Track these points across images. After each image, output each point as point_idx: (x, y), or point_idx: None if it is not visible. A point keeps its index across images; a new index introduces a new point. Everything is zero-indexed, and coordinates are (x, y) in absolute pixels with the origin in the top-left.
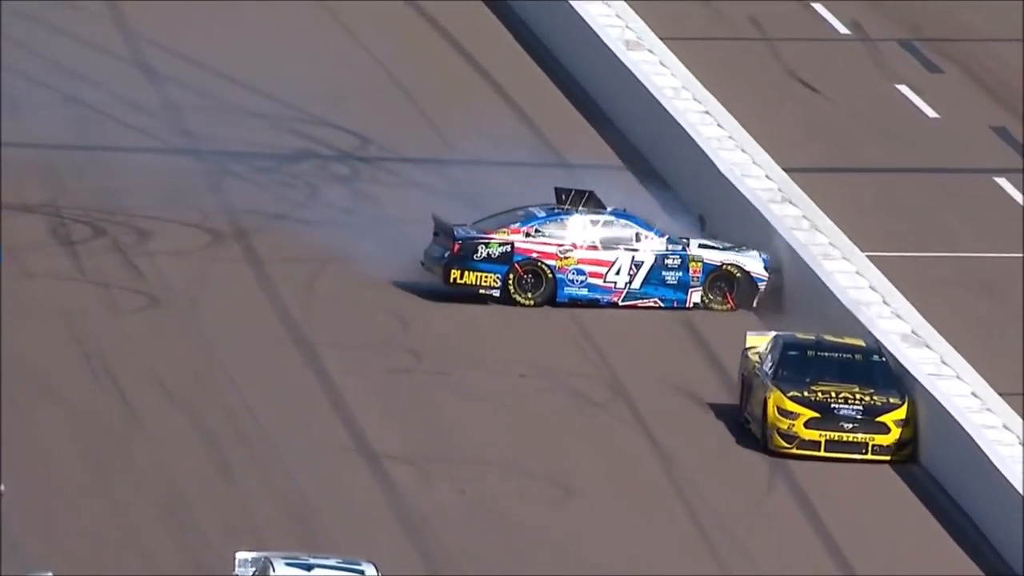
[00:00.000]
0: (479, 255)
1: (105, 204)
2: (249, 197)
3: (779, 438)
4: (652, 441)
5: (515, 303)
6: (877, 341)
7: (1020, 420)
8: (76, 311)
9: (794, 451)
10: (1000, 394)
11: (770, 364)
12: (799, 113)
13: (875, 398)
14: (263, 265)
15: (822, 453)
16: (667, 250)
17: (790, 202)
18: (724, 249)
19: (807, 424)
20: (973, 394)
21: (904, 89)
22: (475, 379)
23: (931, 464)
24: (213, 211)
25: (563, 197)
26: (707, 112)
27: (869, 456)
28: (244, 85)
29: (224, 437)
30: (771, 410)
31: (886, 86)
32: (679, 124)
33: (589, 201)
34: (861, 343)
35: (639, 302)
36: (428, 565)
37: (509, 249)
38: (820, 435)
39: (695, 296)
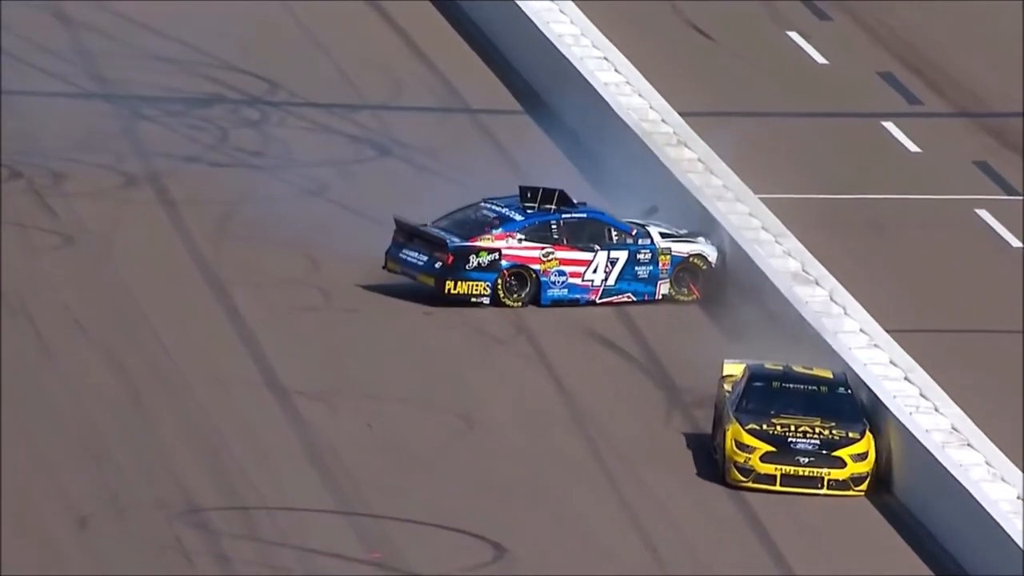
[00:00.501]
0: (471, 265)
1: (20, 147)
2: (161, 140)
3: (736, 471)
4: (553, 376)
5: (504, 306)
6: (845, 373)
7: (893, 357)
8: None
9: (750, 485)
10: (888, 331)
11: (736, 394)
12: (694, 60)
13: (834, 432)
14: (175, 206)
15: (778, 487)
16: (638, 244)
17: (686, 145)
18: (681, 238)
19: (763, 458)
20: (861, 331)
21: (794, 35)
22: (381, 317)
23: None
24: (126, 154)
25: (528, 196)
26: (605, 58)
27: (825, 491)
28: (156, 31)
29: (137, 373)
30: (728, 443)
31: (777, 33)
32: (578, 70)
33: (559, 200)
34: (829, 375)
35: (614, 298)
36: (336, 497)
37: (497, 257)
38: (776, 469)
39: (663, 288)
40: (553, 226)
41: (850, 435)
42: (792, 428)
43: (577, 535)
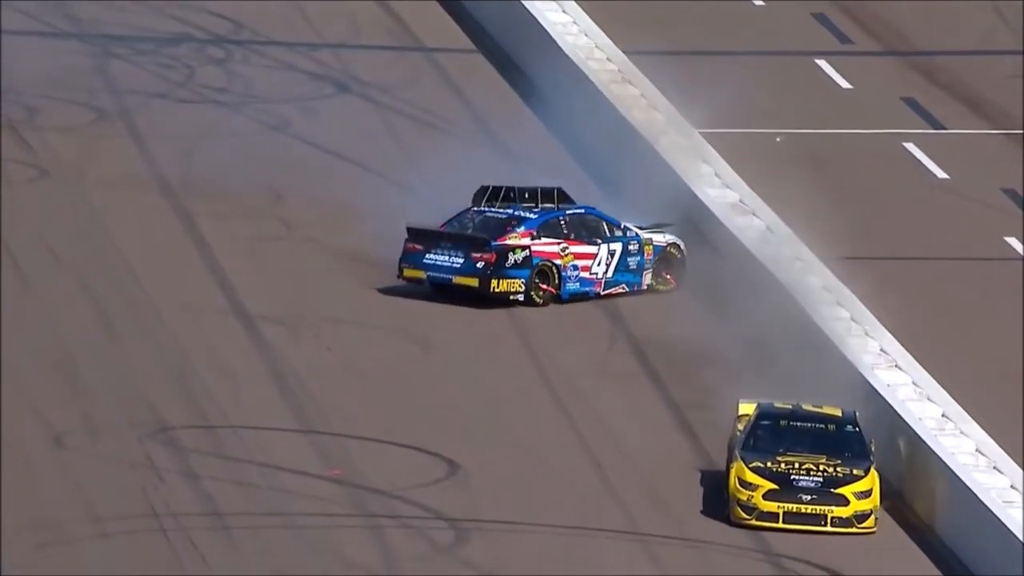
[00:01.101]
0: (509, 262)
1: None
2: (131, 78)
3: (739, 509)
4: (506, 303)
5: (533, 303)
6: (854, 411)
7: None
8: None
9: (753, 522)
10: (831, 262)
11: (744, 433)
12: (637, 3)
13: (839, 469)
14: (144, 141)
15: (780, 525)
16: (627, 236)
17: (630, 83)
18: (655, 229)
19: (766, 496)
20: (798, 259)
21: None
22: (341, 245)
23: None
24: (98, 90)
25: (526, 196)
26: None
27: (828, 528)
28: None
29: (109, 300)
30: (732, 480)
31: None
32: (528, 11)
33: (559, 197)
34: (838, 412)
35: (612, 290)
36: (298, 417)
37: (528, 253)
38: (778, 507)
39: (647, 278)
40: (561, 222)
41: (854, 472)
42: (796, 466)
43: (526, 453)
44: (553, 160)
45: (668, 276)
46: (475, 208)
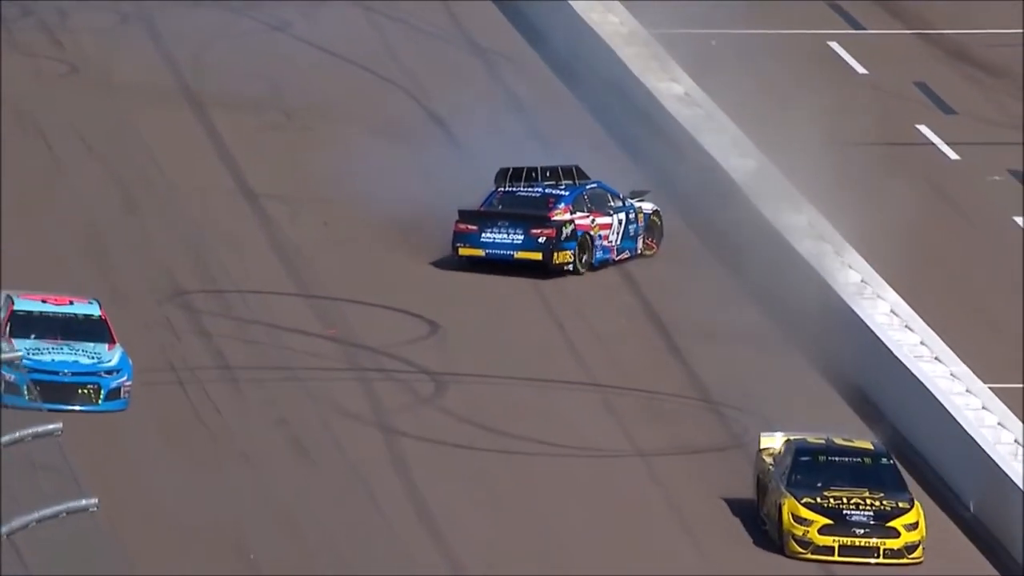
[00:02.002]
0: (564, 236)
1: None
2: None
3: (795, 544)
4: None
5: (577, 273)
6: (885, 445)
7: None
8: (8, 77)
9: (809, 556)
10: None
11: (783, 469)
12: None
13: (885, 503)
14: (162, 41)
15: (836, 558)
16: (626, 206)
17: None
18: (639, 198)
19: (821, 531)
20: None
21: None
22: (333, 132)
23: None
24: None
25: (547, 174)
26: None
27: (881, 560)
28: None
29: (132, 182)
30: (786, 517)
31: None
32: None
33: (578, 174)
34: (870, 446)
35: (622, 255)
36: (297, 283)
37: (574, 227)
38: (834, 540)
39: (639, 243)
40: (585, 197)
41: (900, 505)
42: (845, 500)
43: (499, 316)
44: (520, 56)
45: (651, 242)
46: (503, 189)
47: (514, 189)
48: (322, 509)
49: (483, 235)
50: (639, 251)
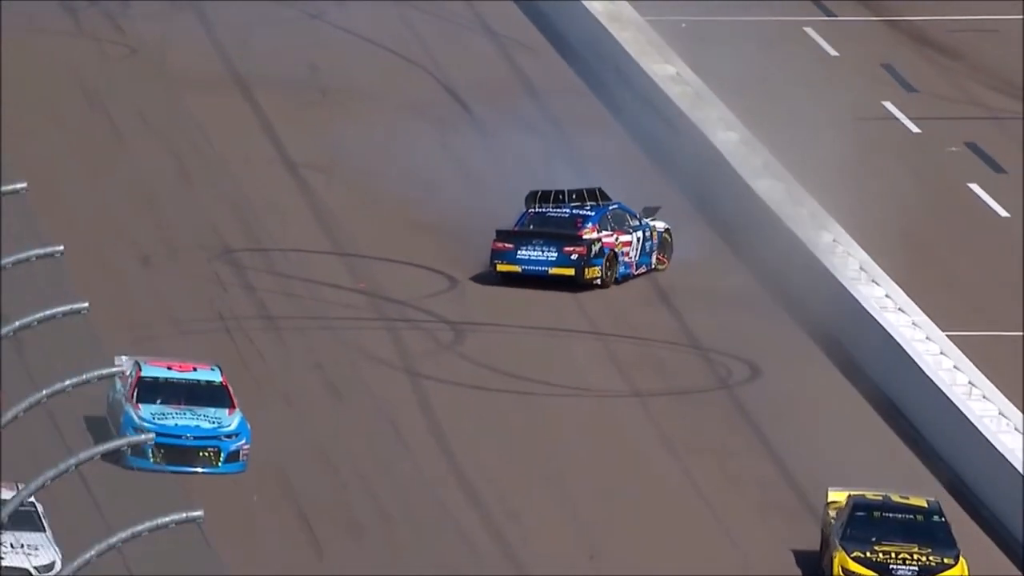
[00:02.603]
0: (593, 253)
1: None
2: None
3: None
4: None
5: (604, 286)
6: (939, 502)
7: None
8: (75, 59)
9: None
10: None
11: (841, 523)
12: None
13: (931, 558)
14: (213, 27)
15: None
16: (642, 224)
17: None
18: (651, 216)
19: None
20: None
21: None
22: (363, 109)
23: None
24: None
25: (573, 196)
26: None
27: None
28: None
29: (185, 152)
30: (836, 569)
31: None
32: None
33: (601, 196)
34: (924, 504)
35: (640, 270)
36: (333, 243)
37: (600, 245)
38: None
39: (654, 259)
40: (608, 217)
41: (945, 560)
42: (893, 555)
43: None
44: (533, 43)
45: (663, 257)
46: (533, 210)
47: (544, 210)
48: (353, 444)
49: (519, 253)
50: (653, 266)
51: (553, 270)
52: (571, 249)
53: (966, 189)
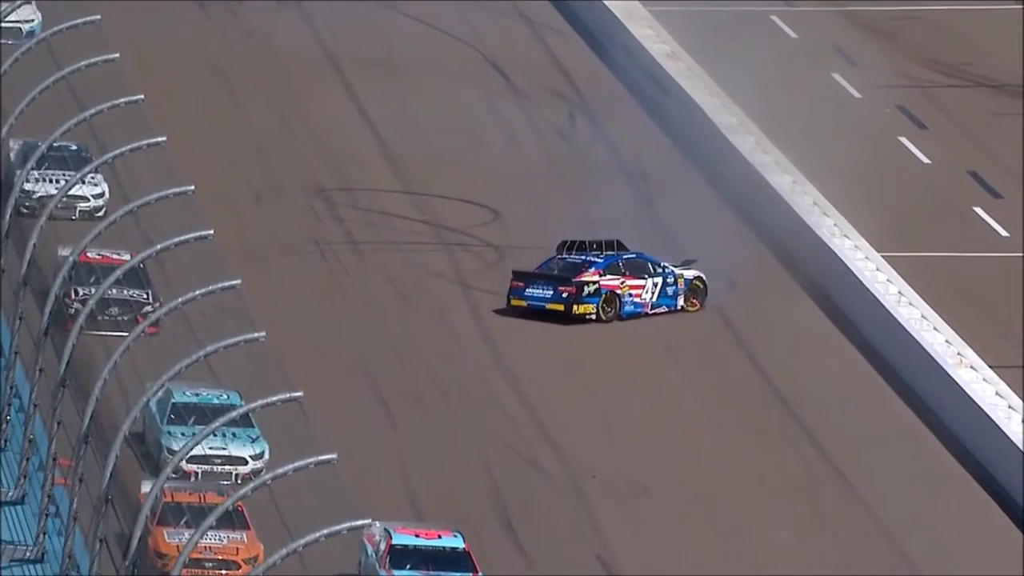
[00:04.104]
0: (585, 292)
1: None
2: None
3: None
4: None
5: (601, 320)
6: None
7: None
8: (203, 40)
9: None
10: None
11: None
12: None
13: None
14: (311, 17)
15: None
16: (666, 271)
17: None
18: (684, 266)
19: None
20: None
21: None
22: (426, 79)
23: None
24: None
25: (594, 246)
26: None
27: None
28: None
29: (286, 111)
30: None
31: None
32: None
33: (618, 246)
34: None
35: (656, 310)
36: (403, 183)
37: (598, 286)
38: None
39: (680, 301)
40: (620, 264)
41: None
42: None
43: (551, 203)
44: (561, 31)
45: (695, 301)
46: (558, 256)
47: (565, 256)
48: (418, 339)
49: (526, 291)
50: (680, 307)
51: (549, 305)
52: (563, 289)
53: (896, 142)
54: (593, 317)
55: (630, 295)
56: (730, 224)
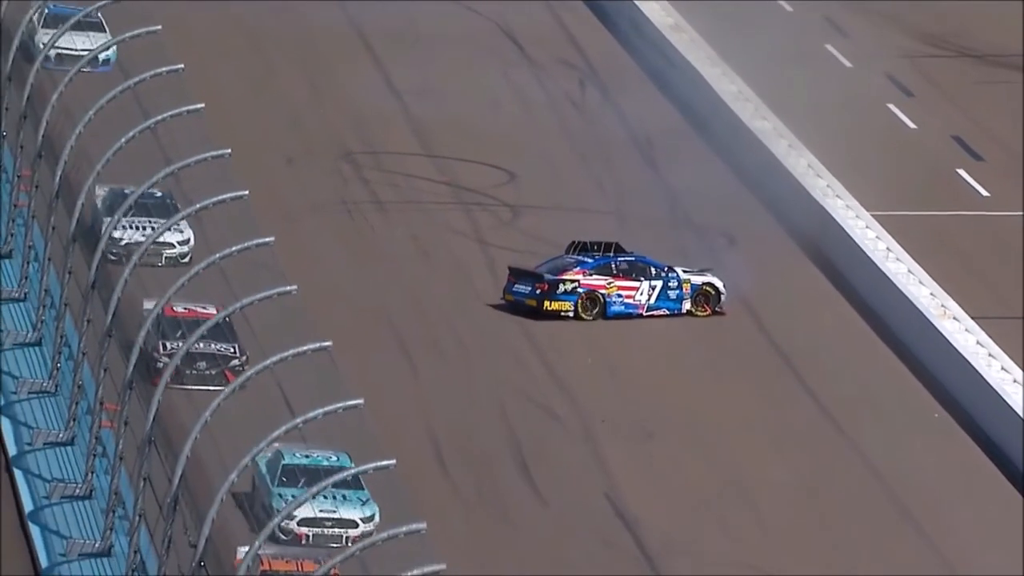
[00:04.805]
0: (560, 290)
1: None
2: None
3: None
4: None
5: (581, 319)
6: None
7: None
8: (239, 15)
9: None
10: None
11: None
12: None
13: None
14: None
15: None
16: (668, 276)
17: None
18: (698, 272)
19: None
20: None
21: None
22: (449, 51)
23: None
24: None
25: (595, 247)
26: None
27: None
28: None
29: (320, 82)
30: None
31: None
32: None
33: (616, 249)
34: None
35: (654, 312)
36: (424, 147)
37: (577, 285)
38: None
39: (687, 305)
40: (612, 265)
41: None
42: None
43: (566, 165)
44: (574, 8)
45: (706, 306)
46: (564, 255)
47: (564, 256)
48: (438, 290)
49: (515, 286)
50: (686, 311)
51: (527, 301)
52: (537, 286)
53: (885, 108)
54: (570, 315)
55: (619, 296)
56: (730, 185)
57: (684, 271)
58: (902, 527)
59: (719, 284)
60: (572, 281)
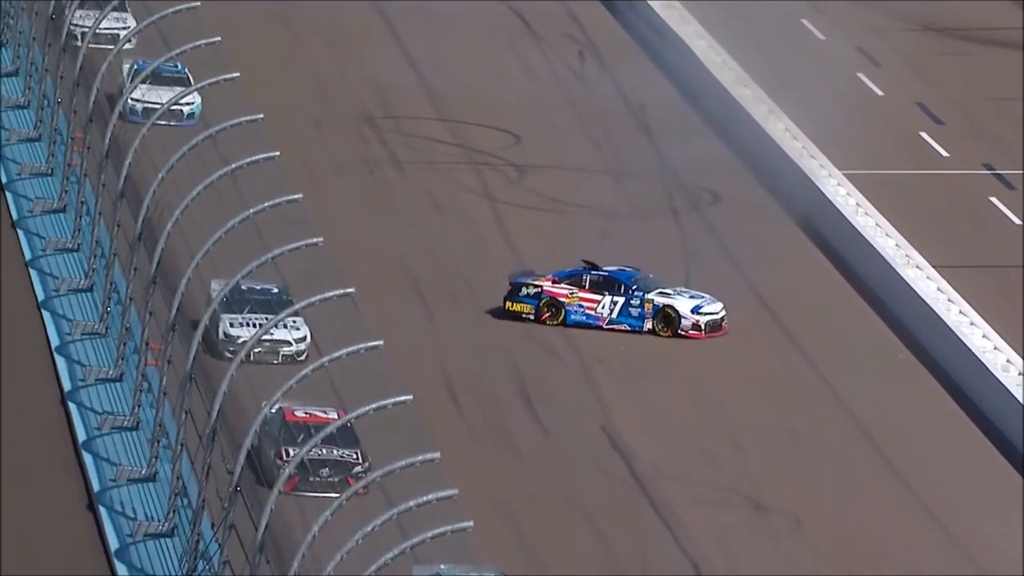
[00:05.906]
0: (523, 293)
1: None
2: None
3: None
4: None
5: (542, 323)
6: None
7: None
8: (281, 5)
9: None
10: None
11: None
12: None
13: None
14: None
15: None
16: (632, 294)
17: None
18: (669, 294)
19: None
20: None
21: None
22: (464, 29)
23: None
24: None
25: (585, 264)
26: None
27: None
28: None
29: (344, 54)
30: None
31: None
32: None
33: (592, 265)
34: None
35: (616, 326)
36: (439, 112)
37: (540, 290)
38: None
39: (648, 324)
40: (584, 278)
41: None
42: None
43: (568, 124)
44: None
45: (668, 328)
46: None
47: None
48: (450, 245)
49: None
50: (648, 329)
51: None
52: (507, 288)
53: (856, 78)
54: (531, 317)
55: (580, 306)
56: (713, 147)
57: (663, 292)
58: (870, 456)
59: (683, 308)
60: (536, 286)
